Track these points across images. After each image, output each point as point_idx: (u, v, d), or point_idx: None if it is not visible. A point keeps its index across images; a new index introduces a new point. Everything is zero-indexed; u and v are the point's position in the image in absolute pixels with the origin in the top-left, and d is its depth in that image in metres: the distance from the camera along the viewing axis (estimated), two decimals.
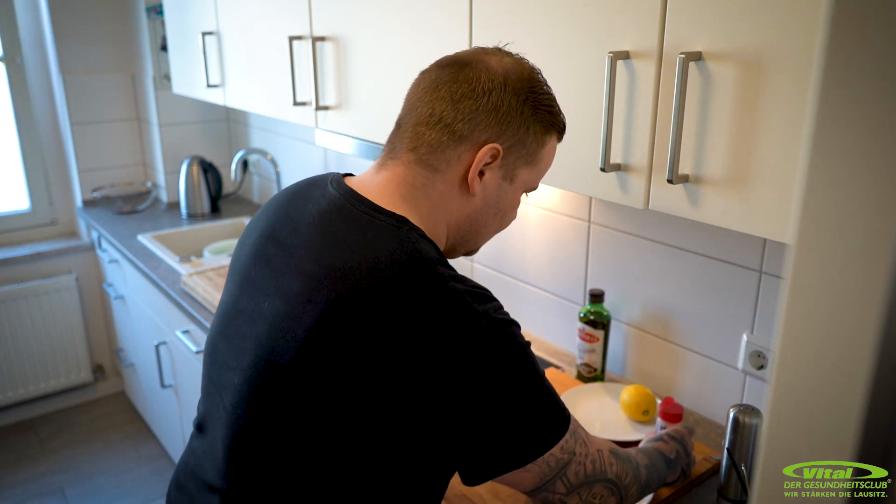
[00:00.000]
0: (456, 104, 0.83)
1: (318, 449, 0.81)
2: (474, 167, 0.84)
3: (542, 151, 0.90)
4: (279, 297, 0.82)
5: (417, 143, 0.85)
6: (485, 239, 0.96)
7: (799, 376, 0.42)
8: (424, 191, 0.86)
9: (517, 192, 0.91)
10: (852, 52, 0.36)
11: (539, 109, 0.86)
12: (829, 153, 0.37)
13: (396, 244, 0.79)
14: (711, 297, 1.40)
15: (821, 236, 0.39)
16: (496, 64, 0.86)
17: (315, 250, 0.82)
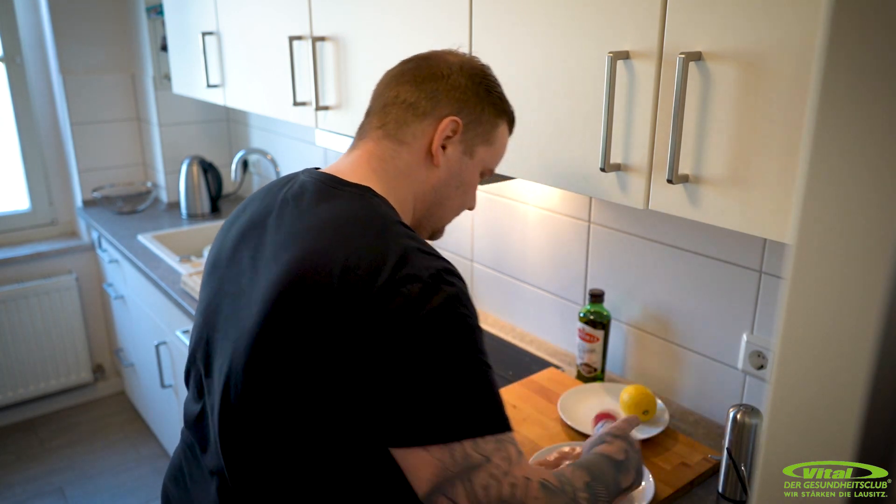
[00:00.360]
0: (419, 86, 0.93)
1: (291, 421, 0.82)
2: (437, 138, 0.93)
3: (497, 132, 0.99)
4: (255, 273, 0.88)
5: (385, 120, 0.94)
6: (448, 215, 1.01)
7: (799, 376, 0.42)
8: (392, 162, 0.93)
9: (476, 168, 0.99)
10: (852, 52, 0.36)
11: (491, 93, 0.97)
12: (829, 153, 0.37)
13: (358, 206, 0.86)
14: (711, 297, 1.40)
15: (821, 236, 0.39)
16: (452, 57, 0.97)
17: (284, 224, 0.88)
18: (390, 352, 0.76)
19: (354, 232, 0.82)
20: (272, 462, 0.85)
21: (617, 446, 1.01)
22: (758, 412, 1.15)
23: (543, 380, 1.57)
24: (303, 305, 0.79)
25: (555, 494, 0.82)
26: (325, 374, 0.78)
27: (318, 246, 0.81)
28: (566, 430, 1.39)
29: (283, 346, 0.80)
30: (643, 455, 1.29)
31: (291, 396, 0.81)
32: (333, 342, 0.77)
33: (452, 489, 0.76)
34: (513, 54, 1.20)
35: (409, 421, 0.76)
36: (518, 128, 1.22)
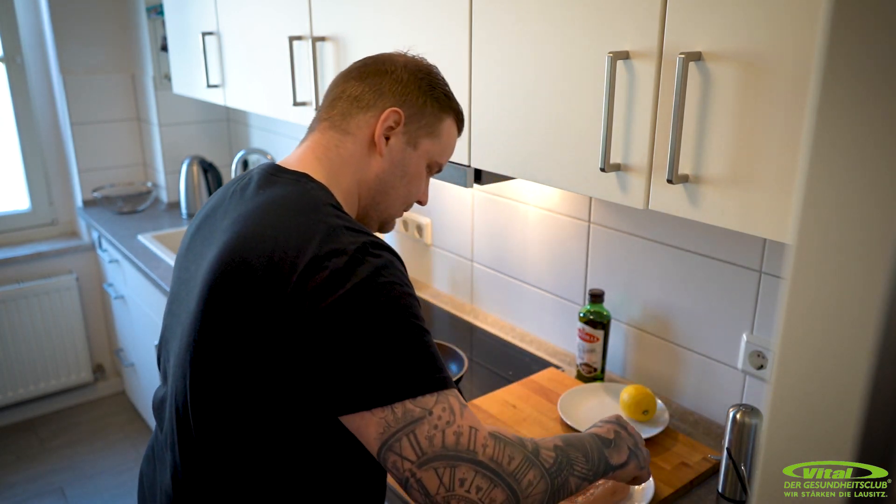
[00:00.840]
0: (364, 81, 0.98)
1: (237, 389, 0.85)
2: (379, 127, 0.96)
3: (441, 126, 1.01)
4: (202, 258, 0.92)
5: (331, 113, 0.99)
6: (394, 205, 1.03)
7: (799, 376, 0.42)
8: (336, 150, 0.97)
9: (421, 159, 1.01)
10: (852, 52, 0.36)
11: (435, 89, 1.00)
12: (829, 153, 0.37)
13: (290, 191, 0.90)
14: (711, 297, 1.40)
15: (821, 236, 0.39)
16: (399, 57, 1.01)
17: (229, 213, 0.93)
18: (322, 325, 0.78)
19: (285, 214, 0.86)
20: (223, 447, 0.88)
21: (606, 428, 1.01)
22: (758, 412, 1.15)
23: (543, 380, 1.57)
24: (235, 287, 0.83)
25: (508, 444, 0.81)
26: (263, 352, 0.81)
27: (250, 230, 0.85)
28: (566, 430, 1.39)
29: (221, 327, 0.84)
30: None
31: (234, 375, 0.84)
32: (267, 321, 0.80)
33: (399, 445, 0.77)
34: (513, 54, 1.20)
35: (350, 389, 0.79)
36: (518, 128, 1.22)
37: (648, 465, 1.05)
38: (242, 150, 2.90)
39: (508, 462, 0.79)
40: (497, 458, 0.78)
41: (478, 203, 1.91)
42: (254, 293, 0.81)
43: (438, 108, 1.00)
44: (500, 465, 0.78)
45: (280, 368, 0.81)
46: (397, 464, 0.77)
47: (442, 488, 0.76)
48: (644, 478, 1.06)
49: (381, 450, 0.78)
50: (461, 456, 0.77)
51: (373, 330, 0.78)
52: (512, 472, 0.79)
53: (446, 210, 2.03)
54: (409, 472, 0.77)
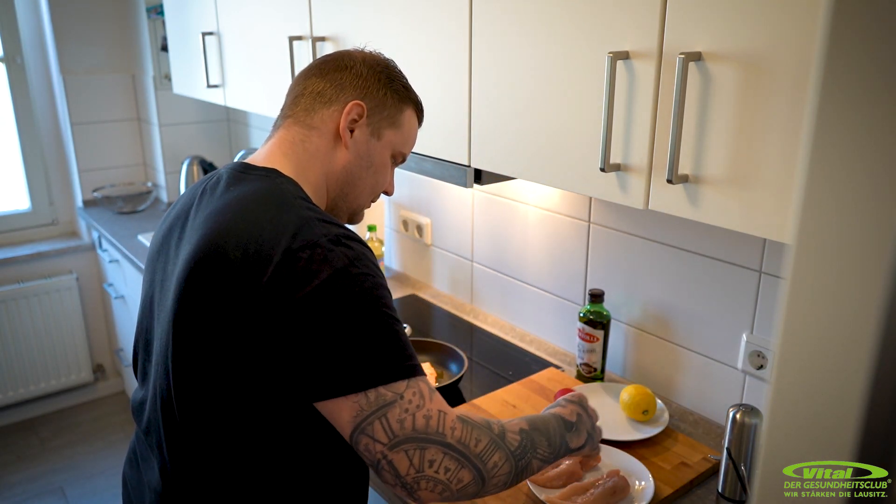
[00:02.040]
0: (324, 77, 1.01)
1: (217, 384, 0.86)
2: (343, 119, 0.98)
3: (402, 117, 1.04)
4: (175, 260, 0.94)
5: (295, 110, 1.01)
6: (362, 195, 1.05)
7: (799, 376, 0.42)
8: (302, 145, 0.99)
9: (385, 149, 1.04)
10: (851, 52, 0.36)
11: (394, 81, 1.03)
12: (829, 153, 0.37)
13: (261, 186, 0.92)
14: (711, 297, 1.40)
15: (821, 236, 0.39)
16: (357, 53, 1.04)
17: (200, 211, 0.94)
18: (297, 315, 0.80)
19: (256, 209, 0.88)
20: (209, 438, 0.89)
21: (570, 409, 1.06)
22: (758, 412, 1.15)
23: (543, 380, 1.57)
24: (211, 280, 0.84)
25: (475, 427, 0.85)
26: (240, 343, 0.83)
27: (223, 225, 0.87)
28: None
29: (198, 320, 0.86)
30: (642, 455, 1.29)
31: (213, 366, 0.86)
32: (243, 312, 0.82)
33: (371, 427, 0.80)
34: (513, 54, 1.20)
35: (324, 376, 0.81)
36: (518, 128, 1.22)
37: (599, 445, 1.14)
38: (242, 150, 2.90)
39: (475, 444, 0.83)
40: (465, 440, 0.83)
41: (478, 203, 1.91)
42: (230, 285, 0.83)
43: (398, 99, 1.03)
44: (467, 448, 0.83)
45: (257, 358, 0.83)
46: (369, 446, 0.80)
47: (412, 469, 0.80)
48: (594, 457, 1.16)
49: (354, 433, 0.81)
50: (431, 438, 0.81)
51: (346, 319, 0.81)
52: (479, 453, 0.83)
53: (446, 210, 2.03)
54: (380, 454, 0.80)
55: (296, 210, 0.87)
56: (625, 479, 1.18)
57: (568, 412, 1.05)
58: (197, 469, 0.91)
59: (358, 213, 1.08)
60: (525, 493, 1.19)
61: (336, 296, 0.81)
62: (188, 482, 0.92)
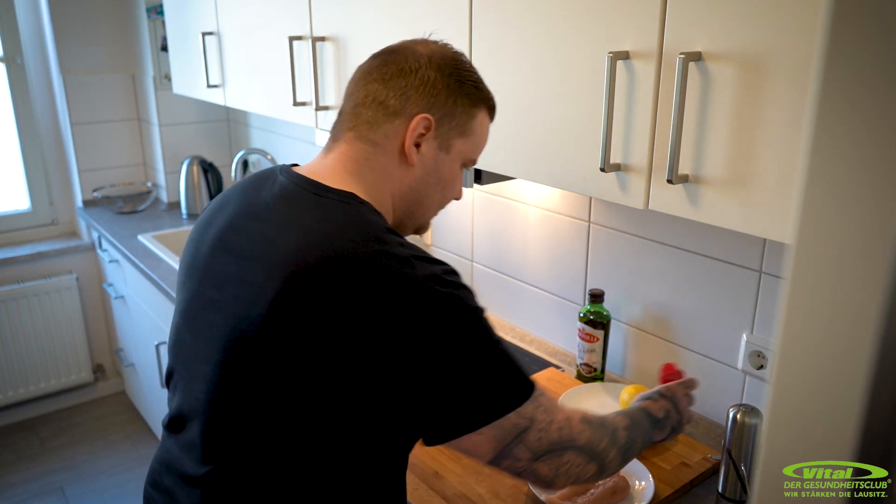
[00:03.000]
0: (387, 83, 0.91)
1: (289, 426, 0.83)
2: (409, 137, 0.91)
3: (473, 122, 0.95)
4: (242, 283, 0.86)
5: (356, 122, 0.93)
6: (430, 211, 1.00)
7: (799, 376, 0.42)
8: (368, 164, 0.92)
9: (454, 162, 0.97)
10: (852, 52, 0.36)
11: (464, 83, 0.93)
12: (829, 153, 0.37)
13: (345, 217, 0.85)
14: (711, 297, 1.40)
15: (821, 236, 0.39)
16: (422, 48, 0.93)
17: (272, 235, 0.87)
18: (408, 358, 0.78)
19: (347, 244, 0.81)
20: (264, 462, 0.86)
21: (660, 405, 1.09)
22: (758, 412, 1.15)
23: (543, 380, 1.57)
24: (304, 324, 0.79)
25: (596, 427, 0.92)
26: (334, 387, 0.80)
27: (312, 260, 0.81)
28: None
29: (285, 360, 0.81)
30: (642, 455, 1.29)
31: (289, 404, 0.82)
32: (339, 357, 0.79)
33: (511, 452, 0.84)
34: (513, 54, 1.20)
35: (451, 419, 0.82)
36: (518, 128, 1.22)
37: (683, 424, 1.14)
38: (242, 150, 2.90)
39: (599, 443, 0.91)
40: (591, 440, 0.90)
41: (478, 203, 1.91)
42: (325, 329, 0.78)
43: (470, 104, 0.94)
44: (593, 447, 0.90)
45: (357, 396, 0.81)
46: (511, 465, 0.86)
47: (551, 471, 0.87)
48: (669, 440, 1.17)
49: (495, 459, 0.85)
50: (564, 446, 0.87)
51: (459, 358, 0.80)
52: (601, 451, 0.91)
53: (446, 210, 2.03)
54: (523, 468, 0.86)
55: (390, 248, 0.81)
56: (625, 479, 1.18)
57: (657, 408, 1.08)
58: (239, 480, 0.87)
59: (424, 227, 1.03)
60: (525, 494, 1.19)
61: (449, 334, 0.80)
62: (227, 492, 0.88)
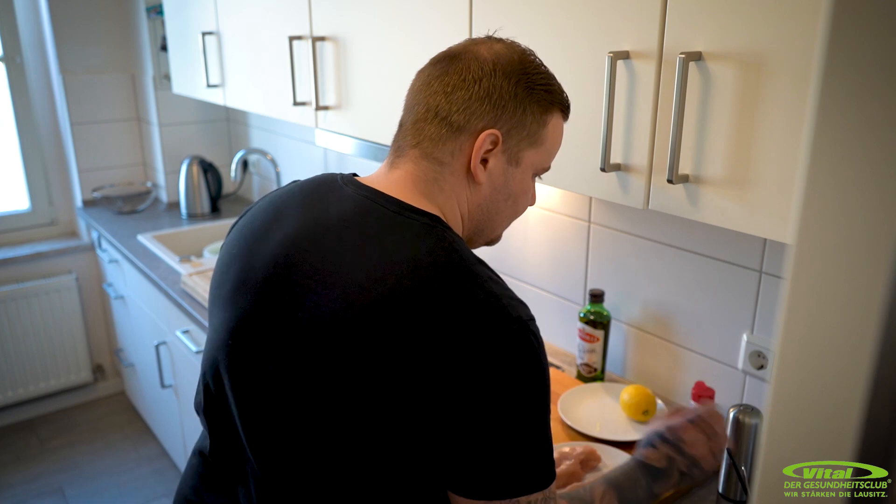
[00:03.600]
0: (449, 96, 0.84)
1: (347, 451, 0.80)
2: (475, 155, 0.84)
3: (545, 131, 0.88)
4: (316, 306, 0.80)
5: (420, 138, 0.86)
6: (501, 226, 0.94)
7: (799, 376, 0.42)
8: (437, 184, 0.86)
9: (525, 174, 0.90)
10: (852, 52, 0.36)
11: (534, 89, 0.86)
12: (829, 153, 0.37)
13: (434, 243, 0.79)
14: (711, 297, 1.40)
15: (821, 236, 0.39)
16: (486, 52, 0.85)
17: (351, 254, 0.80)
18: (472, 401, 0.74)
19: (438, 274, 0.76)
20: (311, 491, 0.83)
21: (661, 453, 1.00)
22: (758, 412, 1.15)
23: None
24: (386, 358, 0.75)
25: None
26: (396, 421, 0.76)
27: (405, 290, 0.76)
28: (566, 430, 1.39)
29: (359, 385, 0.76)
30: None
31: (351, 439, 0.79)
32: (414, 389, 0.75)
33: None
34: None
35: (473, 475, 0.77)
36: None
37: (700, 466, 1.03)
38: (242, 150, 2.90)
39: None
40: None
41: None
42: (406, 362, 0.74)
43: (540, 111, 0.86)
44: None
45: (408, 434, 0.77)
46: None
47: None
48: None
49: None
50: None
51: (516, 418, 0.76)
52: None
53: None
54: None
55: (481, 283, 0.77)
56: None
57: (657, 457, 0.99)
58: None
59: (496, 240, 0.97)
60: None
61: (521, 387, 0.75)
62: None
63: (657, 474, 0.98)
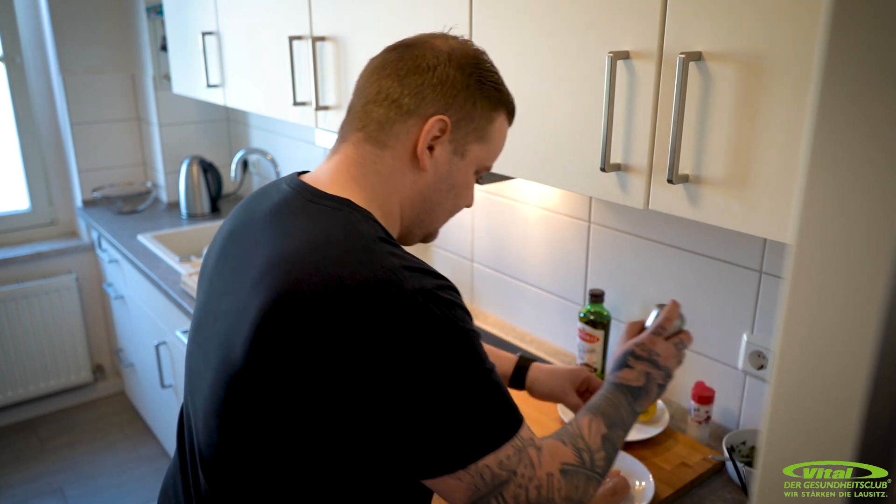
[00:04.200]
0: (402, 80, 0.84)
1: (279, 441, 0.79)
2: (422, 139, 0.84)
3: (491, 128, 0.89)
4: (233, 294, 0.83)
5: (366, 121, 0.86)
6: (440, 219, 0.94)
7: (799, 376, 0.42)
8: (374, 168, 0.86)
9: (469, 168, 0.90)
10: (852, 52, 0.36)
11: (485, 84, 0.87)
12: (829, 153, 0.37)
13: (335, 225, 0.80)
14: (711, 297, 1.40)
15: (821, 236, 0.39)
16: (441, 44, 0.87)
17: (262, 244, 0.82)
18: (392, 381, 0.72)
19: (334, 254, 0.76)
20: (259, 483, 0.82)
21: (637, 371, 0.99)
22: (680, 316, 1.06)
23: None
24: (290, 335, 0.74)
25: (574, 475, 0.83)
26: (316, 410, 0.75)
27: (297, 275, 0.76)
28: None
29: (274, 375, 0.76)
30: (642, 455, 1.29)
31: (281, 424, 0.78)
32: (323, 375, 0.73)
33: (486, 502, 0.77)
34: (513, 54, 1.20)
35: (429, 453, 0.75)
36: (518, 127, 1.22)
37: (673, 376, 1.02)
38: (242, 150, 2.90)
39: (576, 491, 0.83)
40: (570, 495, 0.82)
41: (478, 203, 1.91)
42: (309, 346, 0.73)
43: (489, 107, 0.87)
44: (570, 500, 0.82)
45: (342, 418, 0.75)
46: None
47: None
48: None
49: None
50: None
51: (451, 383, 0.74)
52: (578, 498, 0.84)
53: None
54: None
55: (379, 258, 0.75)
56: (625, 479, 1.18)
57: (635, 376, 0.98)
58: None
59: (433, 234, 0.97)
60: None
61: (440, 357, 0.73)
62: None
63: (637, 393, 0.97)
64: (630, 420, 0.95)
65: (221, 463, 0.85)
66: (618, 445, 0.91)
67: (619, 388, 0.97)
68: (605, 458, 0.88)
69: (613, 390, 0.97)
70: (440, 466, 0.75)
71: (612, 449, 0.89)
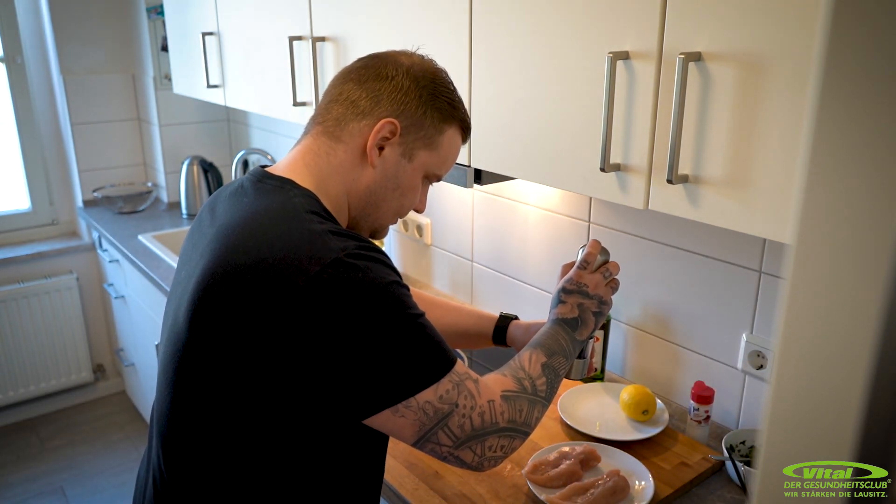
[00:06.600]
0: (363, 85, 0.94)
1: (226, 407, 0.85)
2: (372, 138, 0.92)
3: (441, 138, 0.96)
4: (187, 265, 0.93)
5: (326, 117, 0.96)
6: (386, 216, 1.00)
7: (799, 376, 0.42)
8: (326, 158, 0.94)
9: (416, 172, 0.97)
10: (851, 52, 0.36)
11: (438, 97, 0.95)
12: (829, 153, 0.37)
13: (273, 199, 0.88)
14: (711, 297, 1.40)
15: (821, 236, 0.39)
16: (405, 59, 0.96)
17: (216, 220, 0.92)
18: (322, 334, 0.79)
19: (266, 223, 0.85)
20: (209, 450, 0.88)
21: (570, 304, 1.06)
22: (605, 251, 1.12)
23: None
24: (223, 302, 0.82)
25: (516, 399, 0.91)
26: (257, 362, 0.81)
27: (234, 243, 0.84)
28: (566, 429, 1.39)
29: (209, 339, 0.83)
30: (642, 455, 1.29)
31: (223, 386, 0.84)
32: (258, 334, 0.80)
33: (435, 437, 0.85)
34: (513, 54, 1.20)
35: (367, 392, 0.82)
36: (518, 128, 1.22)
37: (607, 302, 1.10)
38: (242, 150, 2.90)
39: (520, 415, 0.90)
40: (513, 418, 0.89)
41: (478, 203, 1.91)
42: (244, 307, 0.81)
43: (440, 118, 0.95)
44: (515, 422, 0.90)
45: (280, 377, 0.81)
46: (435, 449, 0.86)
47: (476, 457, 0.87)
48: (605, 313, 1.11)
49: (419, 442, 0.85)
50: (487, 430, 0.87)
51: (379, 331, 0.80)
52: (524, 421, 0.91)
53: (446, 210, 2.03)
54: (446, 453, 0.86)
55: (305, 224, 0.84)
56: (625, 479, 1.18)
57: (568, 309, 1.05)
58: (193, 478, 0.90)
59: (381, 231, 1.03)
60: (525, 494, 1.19)
61: (357, 307, 0.79)
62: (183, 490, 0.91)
63: (573, 324, 1.04)
64: (571, 348, 1.02)
65: (175, 435, 0.90)
66: (560, 372, 0.99)
67: (556, 322, 1.05)
68: (547, 382, 0.96)
69: (551, 325, 1.05)
70: (378, 403, 0.82)
71: (553, 374, 0.97)
